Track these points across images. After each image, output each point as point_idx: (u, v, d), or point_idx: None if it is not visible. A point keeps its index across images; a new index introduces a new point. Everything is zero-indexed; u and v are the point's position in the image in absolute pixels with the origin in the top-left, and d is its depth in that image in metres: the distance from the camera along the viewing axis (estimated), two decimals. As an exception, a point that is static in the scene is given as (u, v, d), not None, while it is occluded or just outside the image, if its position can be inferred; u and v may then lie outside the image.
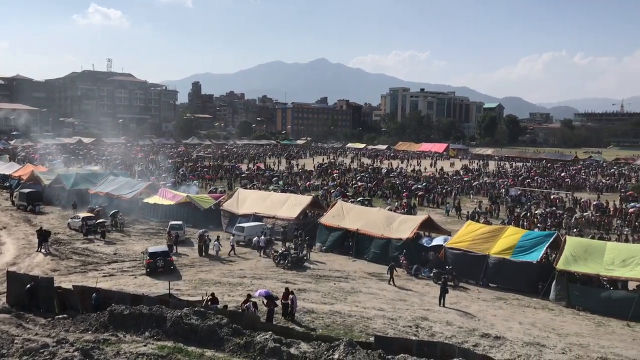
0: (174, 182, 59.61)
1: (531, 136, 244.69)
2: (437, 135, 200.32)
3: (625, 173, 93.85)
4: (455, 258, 29.76)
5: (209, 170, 76.39)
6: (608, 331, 22.46)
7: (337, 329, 20.62)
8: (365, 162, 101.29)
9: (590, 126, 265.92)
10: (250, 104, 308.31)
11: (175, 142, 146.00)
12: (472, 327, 21.56)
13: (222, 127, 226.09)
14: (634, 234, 41.60)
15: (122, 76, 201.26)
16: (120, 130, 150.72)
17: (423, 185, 62.97)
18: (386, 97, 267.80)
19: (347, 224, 35.35)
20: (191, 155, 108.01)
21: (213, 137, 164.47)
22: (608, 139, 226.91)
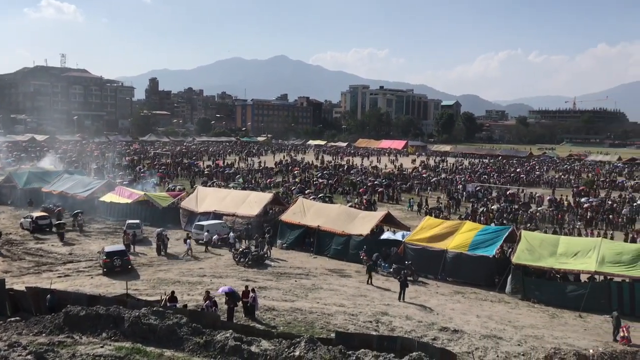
0: (131, 180, 58.52)
1: (487, 133, 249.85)
2: (396, 132, 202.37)
3: (578, 169, 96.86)
4: (415, 253, 30.16)
5: (166, 168, 75.20)
6: (561, 322, 23.15)
7: (298, 326, 20.63)
8: (326, 159, 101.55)
9: (544, 123, 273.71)
10: (209, 101, 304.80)
11: (132, 139, 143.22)
12: (431, 321, 21.90)
13: (181, 124, 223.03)
14: (586, 228, 42.94)
15: (76, 72, 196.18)
16: (75, 127, 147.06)
17: (383, 182, 63.54)
18: (346, 95, 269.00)
19: (308, 221, 35.39)
20: (149, 152, 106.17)
21: (171, 134, 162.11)
22: (561, 135, 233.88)
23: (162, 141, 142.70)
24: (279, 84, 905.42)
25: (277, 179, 66.93)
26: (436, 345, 18.02)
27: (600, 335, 21.47)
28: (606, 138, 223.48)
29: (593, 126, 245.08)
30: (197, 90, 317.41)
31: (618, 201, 54.48)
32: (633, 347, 19.49)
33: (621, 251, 26.39)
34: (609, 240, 30.93)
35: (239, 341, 16.03)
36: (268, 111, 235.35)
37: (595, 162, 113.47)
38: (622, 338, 20.41)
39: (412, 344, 16.06)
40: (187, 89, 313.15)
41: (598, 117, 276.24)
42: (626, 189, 67.58)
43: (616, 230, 41.84)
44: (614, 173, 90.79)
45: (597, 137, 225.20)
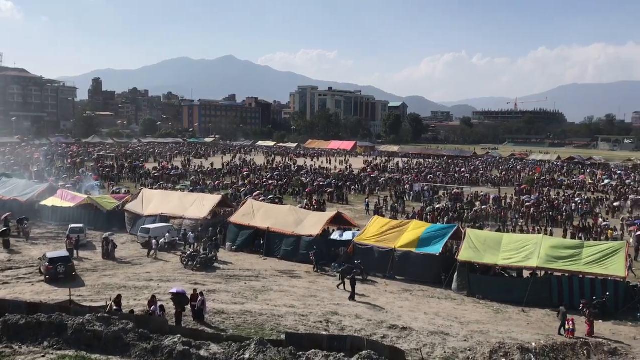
0: (74, 183, 56.75)
1: (433, 134, 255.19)
2: (345, 133, 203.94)
3: (519, 168, 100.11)
4: (364, 252, 30.44)
5: (111, 171, 73.24)
6: (505, 317, 23.86)
7: (248, 329, 20.50)
8: (275, 160, 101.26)
9: (487, 124, 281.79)
10: (155, 101, 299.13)
11: (75, 141, 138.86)
12: (380, 320, 22.17)
13: (125, 125, 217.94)
14: (528, 225, 44.41)
15: (14, 71, 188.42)
16: (14, 129, 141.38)
17: (332, 183, 63.89)
18: (295, 96, 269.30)
19: (258, 222, 35.19)
20: (92, 154, 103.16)
21: (115, 136, 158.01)
22: (504, 135, 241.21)
23: (106, 143, 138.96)
24: (227, 85, 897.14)
25: (225, 181, 66.30)
26: (385, 343, 18.27)
27: (543, 329, 22.24)
28: (546, 138, 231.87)
29: (534, 126, 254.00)
30: (142, 90, 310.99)
31: (558, 199, 56.62)
32: (575, 339, 20.29)
33: (560, 247, 27.41)
34: (549, 237, 32.12)
35: (188, 346, 15.81)
36: (216, 112, 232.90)
37: (535, 161, 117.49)
38: (567, 331, 21.24)
39: (362, 342, 16.22)
40: (132, 89, 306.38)
41: (538, 117, 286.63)
42: (564, 187, 70.33)
43: (556, 227, 43.40)
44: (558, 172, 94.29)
45: (537, 137, 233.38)
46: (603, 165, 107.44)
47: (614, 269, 25.00)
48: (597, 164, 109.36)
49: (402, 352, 17.01)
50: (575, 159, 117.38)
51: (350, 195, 59.40)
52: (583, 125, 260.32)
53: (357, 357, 14.87)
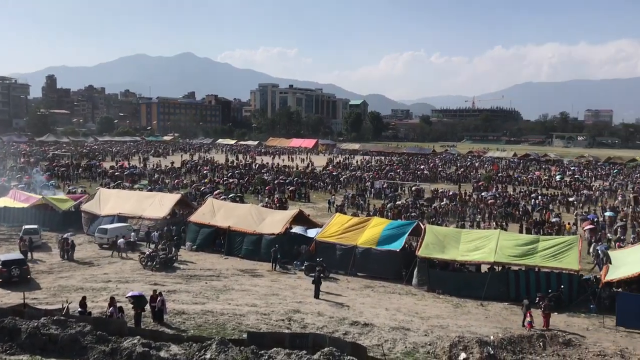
0: (27, 183, 55.09)
1: (393, 131, 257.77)
2: (306, 131, 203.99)
3: (477, 165, 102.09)
4: (326, 250, 30.52)
5: (66, 170, 71.38)
6: (465, 311, 24.30)
7: (209, 329, 20.29)
8: (236, 158, 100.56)
9: (446, 122, 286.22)
10: (111, 99, 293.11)
11: (29, 140, 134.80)
12: (342, 316, 22.26)
13: (81, 123, 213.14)
14: (485, 220, 45.30)
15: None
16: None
17: (294, 181, 63.83)
18: (256, 93, 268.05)
19: (218, 221, 34.87)
20: (47, 153, 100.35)
21: (71, 134, 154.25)
22: (462, 133, 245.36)
23: (61, 141, 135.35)
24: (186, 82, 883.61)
25: (185, 180, 65.48)
26: (347, 340, 18.36)
27: (500, 322, 22.73)
28: (503, 135, 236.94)
29: (491, 124, 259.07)
30: (98, 88, 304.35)
31: (515, 195, 57.99)
32: (533, 331, 20.81)
33: (517, 242, 28.10)
34: (506, 232, 32.82)
35: (148, 347, 15.56)
36: (175, 110, 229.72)
37: (493, 158, 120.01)
38: (528, 323, 21.78)
39: (324, 339, 16.27)
40: (88, 86, 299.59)
41: (495, 115, 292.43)
42: (520, 183, 72.09)
43: (512, 223, 44.40)
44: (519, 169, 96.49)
45: (494, 135, 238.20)
46: (557, 162, 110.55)
47: (568, 263, 25.76)
48: (552, 161, 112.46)
49: (364, 348, 17.14)
50: (531, 156, 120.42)
51: (312, 193, 59.46)
52: (538, 122, 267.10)
53: (319, 354, 14.91)
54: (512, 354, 18.64)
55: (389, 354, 18.53)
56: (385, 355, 18.16)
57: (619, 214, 47.32)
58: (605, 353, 18.79)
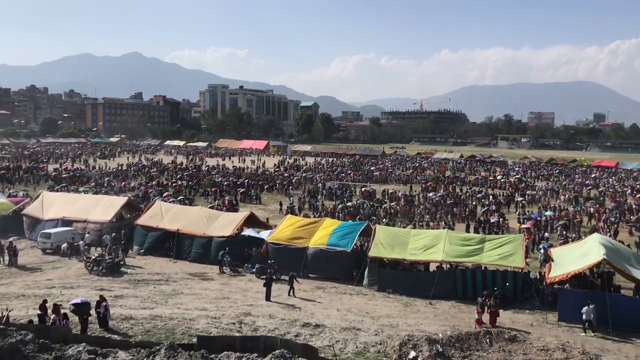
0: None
1: (344, 133, 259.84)
2: (257, 132, 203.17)
3: (426, 166, 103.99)
4: (277, 252, 30.42)
5: (6, 173, 68.58)
6: (414, 310, 24.67)
7: (158, 334, 19.87)
8: (187, 160, 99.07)
9: (395, 124, 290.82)
10: (55, 99, 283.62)
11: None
12: (293, 318, 22.22)
13: (23, 124, 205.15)
14: (433, 220, 46.15)
15: None
16: None
17: (245, 182, 63.38)
18: (205, 94, 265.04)
19: (167, 224, 34.23)
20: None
21: (12, 136, 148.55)
22: (411, 135, 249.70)
23: (1, 143, 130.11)
24: (133, 82, 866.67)
25: (132, 182, 64.03)
26: (298, 341, 18.33)
27: (449, 320, 23.19)
28: (450, 137, 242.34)
29: (438, 126, 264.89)
30: (41, 88, 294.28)
31: (462, 195, 59.33)
32: (482, 328, 21.32)
33: (464, 241, 28.74)
34: (454, 232, 33.56)
35: (94, 354, 15.09)
36: (121, 110, 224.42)
37: (440, 159, 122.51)
38: (476, 320, 22.31)
39: (275, 342, 16.17)
40: (30, 86, 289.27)
41: (442, 117, 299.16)
42: (467, 184, 73.86)
43: (460, 222, 45.41)
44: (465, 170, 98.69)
45: (442, 136, 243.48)
46: (502, 163, 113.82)
47: (513, 261, 26.52)
48: (497, 162, 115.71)
49: (315, 349, 17.14)
50: (477, 157, 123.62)
51: (264, 195, 59.19)
52: (483, 124, 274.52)
53: (270, 356, 14.82)
54: (460, 351, 19.05)
55: (340, 355, 18.61)
56: (337, 355, 18.22)
57: (561, 212, 49.07)
58: (548, 348, 19.44)
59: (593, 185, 76.98)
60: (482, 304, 22.99)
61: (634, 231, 42.63)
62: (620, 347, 20.66)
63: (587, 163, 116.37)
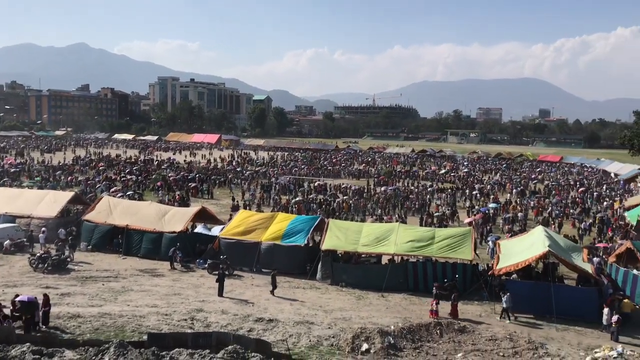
0: None
1: (297, 127, 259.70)
2: (209, 126, 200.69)
3: (378, 160, 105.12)
4: (229, 247, 30.15)
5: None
6: (367, 303, 24.94)
7: (107, 332, 19.42)
8: (134, 154, 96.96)
9: (348, 118, 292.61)
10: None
11: None
12: (247, 313, 22.11)
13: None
14: (386, 214, 46.69)
15: None
16: None
17: (196, 177, 62.54)
18: (155, 86, 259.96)
19: (116, 219, 33.41)
20: None
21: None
22: (363, 130, 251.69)
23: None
24: (79, 74, 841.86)
25: (79, 176, 62.23)
26: (251, 337, 18.29)
27: (400, 312, 23.54)
28: (401, 132, 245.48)
29: (390, 121, 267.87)
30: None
31: (413, 189, 60.27)
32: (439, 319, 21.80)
33: (415, 234, 29.22)
34: (405, 225, 34.04)
35: (39, 354, 14.68)
36: (67, 103, 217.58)
37: (392, 154, 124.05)
38: (431, 312, 22.73)
39: (228, 337, 16.10)
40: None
41: (394, 113, 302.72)
42: (418, 178, 75.08)
43: (411, 216, 46.11)
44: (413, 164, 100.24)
45: (393, 131, 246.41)
46: (451, 157, 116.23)
47: (462, 253, 27.15)
48: (447, 156, 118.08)
49: (268, 344, 17.14)
50: (428, 152, 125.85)
51: (216, 190, 58.54)
52: (434, 120, 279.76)
53: (223, 352, 14.74)
54: (412, 342, 19.42)
55: (294, 349, 18.65)
56: (290, 349, 18.26)
57: (510, 206, 50.47)
58: (496, 337, 20.03)
59: (539, 179, 79.55)
60: (438, 295, 23.45)
61: (577, 223, 44.25)
62: (563, 336, 21.47)
63: (533, 158, 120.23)
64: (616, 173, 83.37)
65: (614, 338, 21.06)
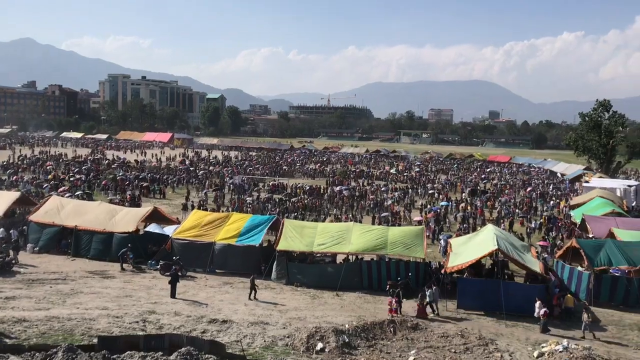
0: None
1: (252, 127, 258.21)
2: (161, 124, 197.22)
3: (333, 160, 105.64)
4: (182, 248, 29.73)
5: None
6: (322, 302, 25.03)
7: (55, 336, 18.82)
8: (84, 153, 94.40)
9: (303, 118, 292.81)
10: None
11: None
12: (200, 315, 21.84)
13: None
14: (341, 214, 46.96)
15: None
16: None
17: (148, 176, 61.39)
18: (105, 84, 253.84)
19: (64, 220, 32.45)
20: None
21: None
22: (318, 130, 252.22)
23: None
24: (25, 70, 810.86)
25: (25, 176, 60.13)
26: (205, 338, 18.07)
27: (355, 311, 23.73)
28: (356, 132, 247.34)
29: (345, 121, 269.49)
30: None
31: (368, 189, 60.83)
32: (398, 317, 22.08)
33: (369, 233, 29.50)
34: (360, 224, 34.34)
35: (-19, 361, 14.07)
36: (12, 100, 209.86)
37: (347, 154, 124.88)
38: (390, 310, 22.97)
39: (181, 339, 15.86)
40: None
41: (349, 113, 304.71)
42: (372, 177, 75.84)
43: (366, 215, 46.54)
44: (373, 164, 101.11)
45: (348, 131, 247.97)
46: (404, 158, 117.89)
47: (415, 251, 27.62)
48: (400, 157, 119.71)
49: (222, 345, 16.98)
50: (382, 152, 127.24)
51: (168, 190, 57.60)
52: (387, 120, 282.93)
53: (176, 354, 14.51)
54: (366, 340, 19.61)
55: (248, 349, 18.54)
56: (244, 350, 18.14)
57: (460, 204, 51.56)
58: (448, 334, 20.45)
59: (489, 179, 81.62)
60: (394, 293, 23.72)
61: (525, 222, 45.58)
62: (512, 331, 22.10)
63: (483, 158, 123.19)
64: (562, 173, 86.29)
65: (542, 330, 22.08)
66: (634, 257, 26.85)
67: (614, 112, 77.69)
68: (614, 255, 26.94)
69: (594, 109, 78.16)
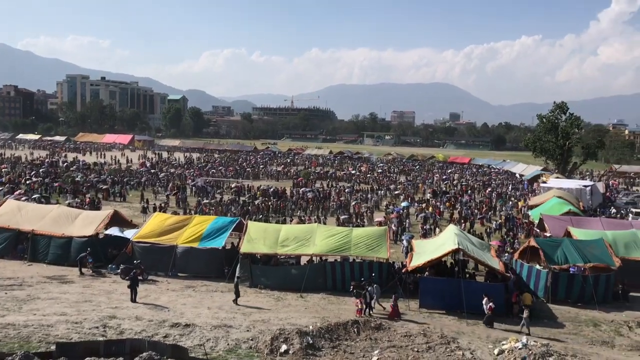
0: None
1: (215, 128, 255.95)
2: (121, 126, 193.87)
3: (297, 162, 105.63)
4: (143, 251, 29.28)
5: None
6: (285, 304, 24.98)
7: (10, 343, 18.28)
8: (41, 155, 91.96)
9: (266, 120, 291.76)
10: None
11: None
12: (162, 319, 21.53)
13: None
14: (305, 215, 46.97)
15: None
16: None
17: (108, 179, 60.21)
18: (63, 85, 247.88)
19: (20, 224, 31.56)
20: None
21: None
22: (282, 131, 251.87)
23: None
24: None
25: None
26: (167, 342, 17.83)
27: (319, 312, 23.76)
28: (320, 134, 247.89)
29: (308, 123, 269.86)
30: None
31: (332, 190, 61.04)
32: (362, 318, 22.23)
33: (333, 234, 29.58)
34: (324, 226, 34.42)
35: None
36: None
37: (311, 155, 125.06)
38: (357, 310, 23.08)
39: (142, 344, 15.60)
40: None
41: (313, 115, 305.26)
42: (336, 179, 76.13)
43: (330, 216, 46.68)
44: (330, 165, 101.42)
45: (312, 133, 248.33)
46: (367, 159, 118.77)
47: (378, 252, 27.83)
48: (363, 158, 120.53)
49: (185, 349, 16.79)
50: (345, 154, 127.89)
51: (129, 192, 56.59)
52: (351, 122, 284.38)
53: (137, 359, 14.27)
54: (330, 341, 19.66)
55: (212, 353, 18.37)
56: (208, 354, 17.97)
57: (422, 205, 52.20)
58: (410, 333, 20.68)
59: (449, 180, 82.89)
60: (364, 294, 23.84)
61: (485, 222, 46.46)
62: (473, 330, 22.49)
63: (444, 159, 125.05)
64: (521, 174, 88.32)
65: (485, 322, 22.84)
66: (589, 255, 27.81)
67: (571, 115, 79.98)
68: (571, 253, 27.84)
69: (552, 111, 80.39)
